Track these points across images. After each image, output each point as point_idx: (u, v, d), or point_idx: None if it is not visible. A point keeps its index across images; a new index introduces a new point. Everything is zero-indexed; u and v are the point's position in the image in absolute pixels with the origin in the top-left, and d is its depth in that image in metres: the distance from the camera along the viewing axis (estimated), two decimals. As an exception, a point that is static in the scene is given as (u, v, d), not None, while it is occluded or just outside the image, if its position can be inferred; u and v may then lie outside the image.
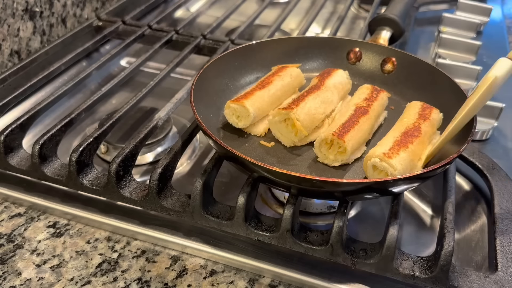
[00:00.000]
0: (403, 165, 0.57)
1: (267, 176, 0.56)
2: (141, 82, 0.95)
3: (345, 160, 0.63)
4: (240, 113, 0.67)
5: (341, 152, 0.62)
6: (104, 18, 1.06)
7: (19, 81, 0.84)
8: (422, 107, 0.68)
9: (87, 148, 0.66)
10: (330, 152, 0.63)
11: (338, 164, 0.63)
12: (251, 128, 0.69)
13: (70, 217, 0.67)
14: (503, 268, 0.56)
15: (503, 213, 0.63)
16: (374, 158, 0.58)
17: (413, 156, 0.60)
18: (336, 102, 0.71)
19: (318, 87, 0.70)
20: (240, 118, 0.67)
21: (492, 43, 1.13)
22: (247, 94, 0.68)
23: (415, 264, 0.56)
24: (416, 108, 0.68)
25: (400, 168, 0.57)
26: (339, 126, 0.63)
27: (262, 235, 0.59)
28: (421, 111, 0.67)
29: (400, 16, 0.93)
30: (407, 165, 0.58)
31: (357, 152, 0.65)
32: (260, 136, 0.69)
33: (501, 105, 0.83)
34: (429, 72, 0.75)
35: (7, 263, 0.60)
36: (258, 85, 0.71)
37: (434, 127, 0.66)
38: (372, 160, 0.58)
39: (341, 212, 0.57)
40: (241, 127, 0.68)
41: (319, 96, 0.68)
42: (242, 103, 0.66)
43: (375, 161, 0.58)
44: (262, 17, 1.13)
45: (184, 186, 0.71)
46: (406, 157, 0.58)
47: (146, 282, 0.58)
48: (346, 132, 0.62)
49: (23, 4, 0.93)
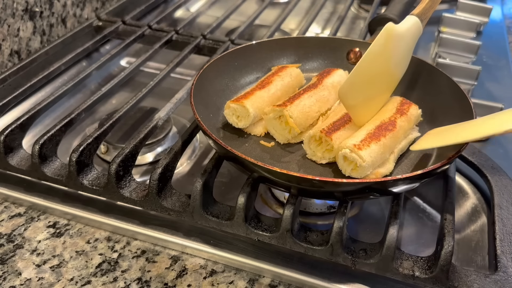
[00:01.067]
0: (372, 157, 0.58)
1: (267, 176, 0.56)
2: (141, 82, 0.95)
3: (332, 158, 0.63)
4: (240, 113, 0.67)
5: (328, 150, 0.62)
6: (104, 18, 1.06)
7: (19, 81, 0.84)
8: (401, 102, 0.68)
9: (87, 148, 0.66)
10: (318, 149, 0.63)
11: (325, 161, 0.63)
12: (251, 128, 0.69)
13: (70, 217, 0.67)
14: (503, 268, 0.56)
15: (503, 213, 0.63)
16: (345, 149, 0.58)
17: (384, 149, 0.60)
18: (332, 101, 0.71)
19: (315, 86, 0.70)
20: (240, 118, 0.67)
21: (492, 43, 1.13)
22: (247, 94, 0.68)
23: (415, 264, 0.56)
24: (395, 103, 0.68)
25: (369, 160, 0.57)
26: (329, 124, 0.63)
27: (262, 235, 0.59)
28: (400, 106, 0.67)
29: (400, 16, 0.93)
30: (378, 158, 0.59)
31: None
32: (259, 136, 0.69)
33: (501, 105, 0.84)
34: (429, 72, 0.75)
35: (7, 263, 0.60)
36: (258, 85, 0.71)
37: (411, 122, 0.66)
38: (343, 151, 0.58)
39: (341, 212, 0.57)
40: (241, 127, 0.68)
41: (315, 94, 0.69)
42: (242, 103, 0.66)
43: (345, 152, 0.58)
44: (262, 17, 1.13)
45: (184, 186, 0.71)
46: (377, 149, 0.59)
47: (146, 282, 0.59)
48: (335, 130, 0.62)
49: (23, 4, 0.93)
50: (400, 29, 0.63)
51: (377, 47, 0.61)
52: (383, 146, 0.60)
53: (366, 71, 0.63)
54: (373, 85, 0.65)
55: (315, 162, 0.64)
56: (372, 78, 0.64)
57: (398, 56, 0.65)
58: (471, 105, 0.65)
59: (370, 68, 0.63)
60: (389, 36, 0.61)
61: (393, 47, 0.63)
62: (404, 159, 0.65)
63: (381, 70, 0.64)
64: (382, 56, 0.63)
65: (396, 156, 0.63)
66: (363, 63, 0.62)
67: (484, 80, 0.98)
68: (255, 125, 0.69)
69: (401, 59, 0.66)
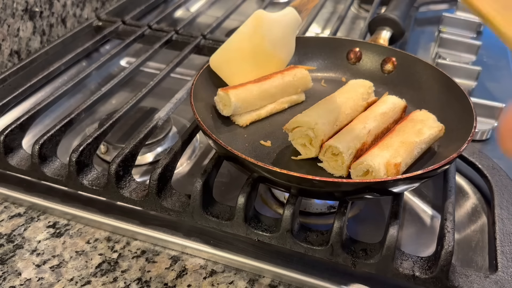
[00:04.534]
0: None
1: (267, 176, 0.56)
2: (141, 82, 0.95)
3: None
4: (225, 102, 0.69)
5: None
6: (104, 18, 1.06)
7: (19, 81, 0.84)
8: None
9: (87, 148, 0.66)
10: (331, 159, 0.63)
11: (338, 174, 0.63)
12: (236, 118, 0.71)
13: (70, 217, 0.67)
14: (503, 268, 0.56)
15: (503, 213, 0.63)
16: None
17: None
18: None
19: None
20: (225, 106, 0.70)
21: (492, 43, 1.13)
22: (239, 85, 0.71)
23: (415, 264, 0.56)
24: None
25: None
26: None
27: (262, 235, 0.59)
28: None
29: (400, 16, 0.93)
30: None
31: None
32: (242, 126, 0.70)
33: (501, 105, 0.84)
34: (429, 72, 0.75)
35: (7, 263, 0.60)
36: (256, 79, 0.73)
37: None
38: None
39: (341, 212, 0.57)
40: (225, 114, 0.70)
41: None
42: (226, 92, 0.69)
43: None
44: (262, 17, 1.13)
45: (184, 186, 0.71)
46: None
47: (146, 282, 0.58)
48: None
49: (23, 4, 0.93)
50: (272, 15, 0.74)
51: (245, 28, 0.74)
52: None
53: (238, 47, 0.74)
54: (247, 59, 0.74)
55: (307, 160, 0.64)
56: (245, 53, 0.74)
57: (273, 38, 0.74)
58: (471, 105, 0.65)
59: (242, 45, 0.74)
60: (257, 19, 0.73)
61: (264, 30, 0.73)
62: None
63: (255, 49, 0.74)
64: (254, 36, 0.73)
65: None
66: (233, 40, 0.74)
67: (484, 80, 0.98)
68: (241, 115, 0.71)
69: (278, 41, 0.75)
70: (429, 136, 0.63)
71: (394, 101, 0.70)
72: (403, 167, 0.59)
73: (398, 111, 0.69)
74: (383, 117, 0.66)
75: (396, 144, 0.60)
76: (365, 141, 0.62)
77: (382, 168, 0.57)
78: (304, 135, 0.63)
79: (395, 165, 0.57)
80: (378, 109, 0.68)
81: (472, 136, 0.59)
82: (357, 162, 0.59)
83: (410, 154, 0.60)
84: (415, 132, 0.63)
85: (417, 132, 0.63)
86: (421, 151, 0.63)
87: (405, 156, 0.60)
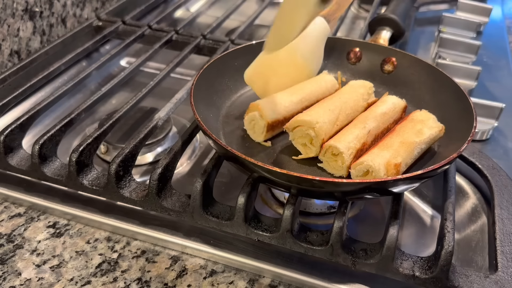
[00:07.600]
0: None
1: (267, 176, 0.56)
2: (141, 82, 0.95)
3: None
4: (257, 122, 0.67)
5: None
6: (104, 18, 1.06)
7: (19, 81, 0.84)
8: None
9: (87, 148, 0.66)
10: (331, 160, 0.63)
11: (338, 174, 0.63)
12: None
13: (70, 217, 0.67)
14: (503, 268, 0.56)
15: (503, 213, 0.63)
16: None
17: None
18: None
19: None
20: (255, 127, 0.67)
21: (492, 43, 1.13)
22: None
23: (415, 264, 0.56)
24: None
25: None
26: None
27: (262, 235, 0.59)
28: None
29: (400, 16, 0.93)
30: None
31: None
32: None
33: (501, 105, 0.83)
34: (429, 72, 0.75)
35: (7, 263, 0.60)
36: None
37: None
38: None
39: (341, 212, 0.56)
40: (251, 135, 0.68)
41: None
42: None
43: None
44: (262, 17, 1.13)
45: (184, 186, 0.71)
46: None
47: (146, 282, 0.58)
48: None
49: (23, 4, 0.93)
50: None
51: None
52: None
53: (271, 62, 0.72)
54: (280, 73, 0.73)
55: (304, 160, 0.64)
56: (278, 67, 0.73)
57: (305, 52, 0.74)
58: (471, 105, 0.65)
59: (275, 59, 0.72)
60: None
61: (297, 43, 0.70)
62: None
63: (288, 62, 0.73)
64: (287, 50, 0.69)
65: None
66: (266, 54, 0.71)
67: (484, 80, 0.98)
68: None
69: (310, 53, 0.76)
70: (429, 136, 0.63)
71: (394, 101, 0.70)
72: (403, 167, 0.59)
73: (398, 111, 0.69)
74: (383, 117, 0.66)
75: (396, 144, 0.60)
76: (365, 141, 0.62)
77: (382, 168, 0.57)
78: (305, 135, 0.63)
79: (395, 165, 0.57)
80: (378, 109, 0.68)
81: (472, 136, 0.59)
82: (357, 162, 0.59)
83: (410, 154, 0.60)
84: (415, 132, 0.63)
85: (417, 132, 0.63)
86: (421, 151, 0.63)
87: (405, 156, 0.60)
